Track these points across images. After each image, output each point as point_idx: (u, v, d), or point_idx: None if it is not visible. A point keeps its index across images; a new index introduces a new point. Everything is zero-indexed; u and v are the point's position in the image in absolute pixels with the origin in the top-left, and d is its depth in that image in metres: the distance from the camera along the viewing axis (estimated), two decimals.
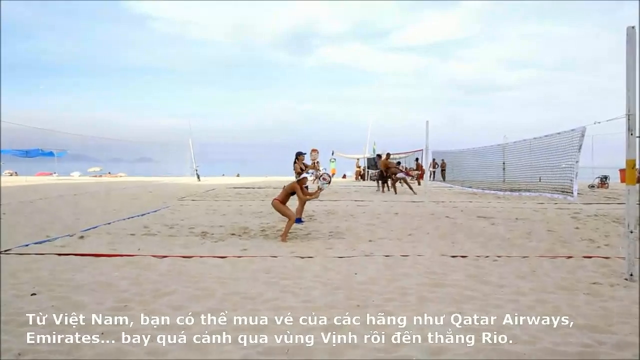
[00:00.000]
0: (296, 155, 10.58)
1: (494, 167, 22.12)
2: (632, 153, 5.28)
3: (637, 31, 5.13)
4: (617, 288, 5.02)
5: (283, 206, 8.34)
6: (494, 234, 8.85)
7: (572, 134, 6.77)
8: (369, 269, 5.85)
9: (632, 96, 5.15)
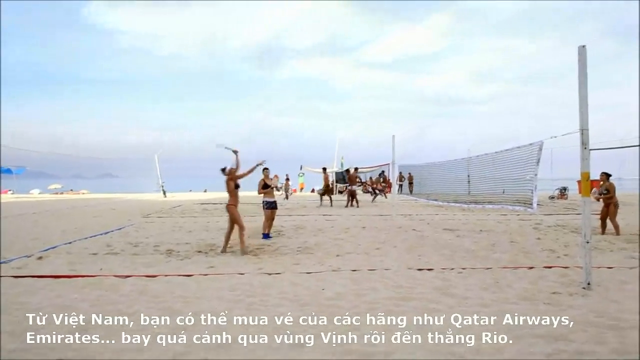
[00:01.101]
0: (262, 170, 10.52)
1: (459, 180, 22.55)
2: (586, 166, 5.50)
3: (587, 50, 5.38)
4: (575, 297, 5.18)
5: (237, 212, 8.44)
6: (459, 246, 9.00)
7: (530, 147, 7.00)
8: (336, 284, 5.84)
9: (584, 112, 5.38)
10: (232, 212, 8.45)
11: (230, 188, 8.54)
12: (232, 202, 8.48)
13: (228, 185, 8.57)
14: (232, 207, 8.45)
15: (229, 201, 8.55)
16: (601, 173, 10.65)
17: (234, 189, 8.53)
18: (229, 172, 8.63)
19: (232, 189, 8.52)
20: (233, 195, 8.52)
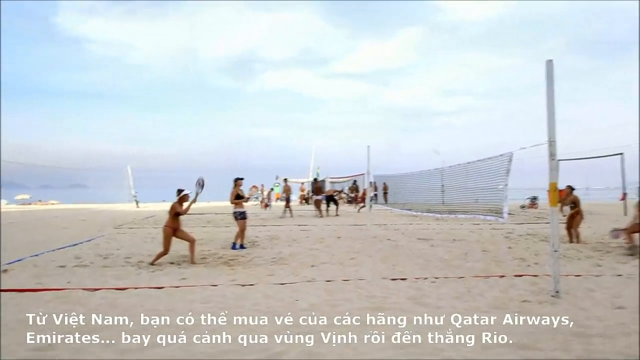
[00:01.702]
0: (234, 180, 10.48)
1: (433, 190, 22.82)
2: (554, 176, 5.64)
3: (554, 64, 5.55)
4: (544, 305, 5.28)
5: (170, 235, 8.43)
6: (433, 255, 9.09)
7: (501, 158, 7.15)
8: (310, 295, 5.82)
9: (552, 124, 5.53)
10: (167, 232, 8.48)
11: (172, 212, 8.56)
12: (168, 224, 8.52)
13: (173, 208, 8.59)
14: (166, 229, 8.48)
15: (167, 222, 8.56)
16: (566, 186, 10.93)
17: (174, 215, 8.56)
18: (180, 199, 8.66)
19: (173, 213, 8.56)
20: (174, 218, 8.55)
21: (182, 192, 8.65)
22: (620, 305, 5.22)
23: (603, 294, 5.75)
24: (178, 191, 8.70)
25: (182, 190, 8.68)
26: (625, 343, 3.98)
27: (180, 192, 8.68)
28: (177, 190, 8.72)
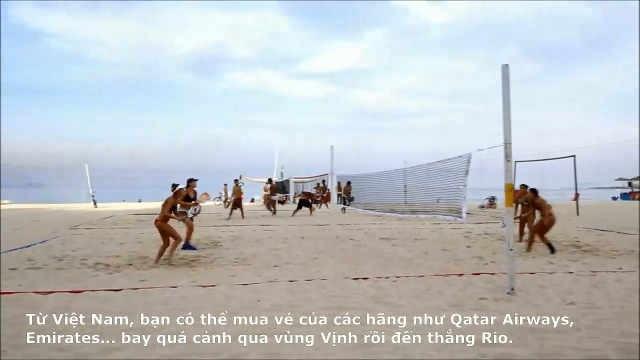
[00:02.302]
0: (188, 181, 10.37)
1: (396, 190, 23.12)
2: (509, 177, 5.83)
3: (509, 69, 5.73)
4: (500, 302, 5.44)
5: (167, 226, 8.32)
6: (395, 254, 9.23)
7: (460, 159, 7.33)
8: (272, 296, 5.80)
9: (507, 127, 5.71)
10: (163, 227, 8.32)
11: (167, 206, 8.41)
12: (161, 218, 8.36)
13: (168, 202, 8.46)
14: (162, 223, 8.32)
15: (159, 217, 8.40)
16: (520, 185, 11.27)
17: (169, 209, 8.44)
18: (175, 194, 8.66)
19: (168, 207, 8.42)
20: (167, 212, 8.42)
21: (177, 187, 8.73)
22: (571, 302, 5.45)
23: (555, 291, 5.99)
24: (173, 186, 8.80)
25: (176, 185, 8.77)
26: (576, 337, 4.15)
27: (175, 186, 8.76)
28: (172, 185, 8.84)
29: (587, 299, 5.59)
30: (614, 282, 6.50)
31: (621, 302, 5.40)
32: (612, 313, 4.94)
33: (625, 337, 4.17)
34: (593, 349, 3.84)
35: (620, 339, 4.13)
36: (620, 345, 3.94)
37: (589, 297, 5.65)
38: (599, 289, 6.09)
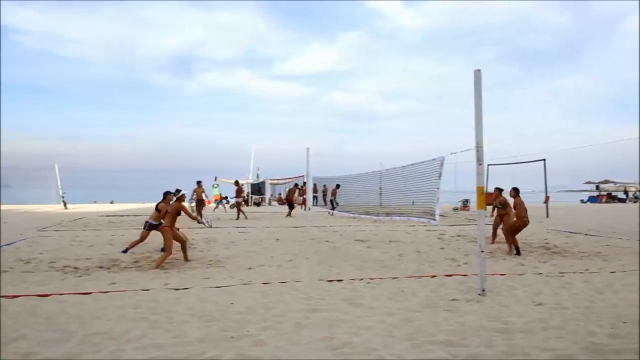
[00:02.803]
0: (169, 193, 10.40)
1: (372, 192, 23.23)
2: (480, 180, 5.93)
3: (481, 74, 5.83)
4: (471, 303, 5.53)
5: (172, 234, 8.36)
6: (369, 256, 9.28)
7: (433, 162, 7.41)
8: (246, 298, 5.76)
9: (479, 131, 5.81)
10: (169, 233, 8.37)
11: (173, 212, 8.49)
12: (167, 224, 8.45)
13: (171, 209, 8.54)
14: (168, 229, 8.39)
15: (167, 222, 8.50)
16: (495, 188, 11.48)
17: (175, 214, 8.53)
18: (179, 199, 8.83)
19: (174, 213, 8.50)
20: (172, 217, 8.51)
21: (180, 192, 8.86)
22: (540, 302, 5.57)
23: (525, 292, 6.11)
24: (176, 191, 8.91)
25: (179, 190, 8.90)
26: (543, 337, 4.24)
27: (178, 192, 8.90)
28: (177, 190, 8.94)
29: (555, 299, 5.72)
30: (580, 283, 6.67)
31: (587, 303, 5.54)
32: (578, 313, 5.07)
33: (591, 336, 4.28)
34: (559, 349, 3.93)
35: (587, 338, 4.23)
36: (586, 345, 4.04)
37: (557, 298, 5.78)
38: (566, 290, 6.24)
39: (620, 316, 4.93)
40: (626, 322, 4.71)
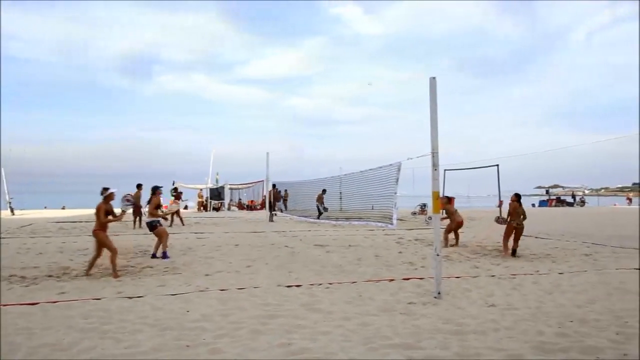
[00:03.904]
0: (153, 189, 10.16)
1: (332, 197, 23.32)
2: (436, 185, 6.06)
3: (436, 82, 5.98)
4: (428, 306, 5.63)
5: (105, 236, 7.82)
6: (328, 261, 9.30)
7: (390, 168, 7.53)
8: (202, 305, 5.65)
9: (434, 137, 5.95)
10: (100, 237, 7.82)
11: (101, 213, 7.85)
12: (99, 227, 7.84)
13: (100, 209, 7.88)
14: (99, 232, 7.82)
15: (96, 226, 7.88)
16: (443, 196, 11.81)
17: (105, 216, 7.87)
18: (106, 197, 7.98)
19: (102, 214, 7.85)
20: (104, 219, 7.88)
21: (107, 190, 8.00)
22: (492, 304, 5.73)
23: (478, 294, 6.28)
24: (103, 189, 8.03)
25: (107, 189, 8.02)
26: (495, 338, 4.37)
27: (105, 190, 8.01)
28: (103, 188, 8.06)
29: (506, 300, 5.91)
30: (531, 284, 6.92)
31: (537, 303, 5.75)
32: (528, 314, 5.25)
33: (540, 336, 4.44)
34: (510, 349, 4.06)
35: (536, 337, 4.39)
36: (536, 344, 4.19)
37: (509, 299, 5.97)
38: (517, 291, 6.46)
39: (567, 315, 5.15)
40: (572, 321, 4.92)
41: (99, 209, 7.88)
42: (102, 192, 8.01)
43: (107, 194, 8.00)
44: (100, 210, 7.86)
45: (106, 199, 7.96)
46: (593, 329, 4.62)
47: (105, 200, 7.95)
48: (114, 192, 8.05)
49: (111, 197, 8.01)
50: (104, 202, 7.93)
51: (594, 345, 4.13)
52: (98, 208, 7.91)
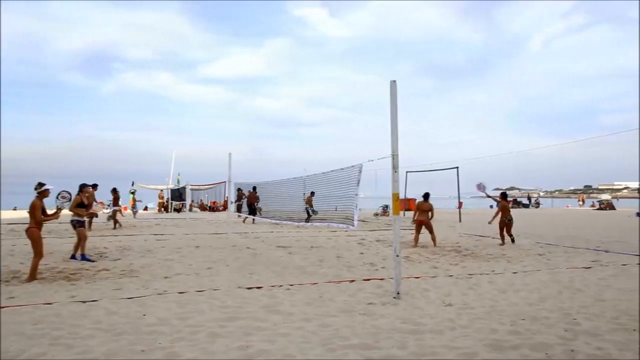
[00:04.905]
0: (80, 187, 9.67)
1: (295, 198, 23.21)
2: (396, 187, 6.15)
3: (397, 85, 6.06)
4: (387, 306, 5.70)
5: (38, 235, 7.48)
6: (290, 262, 9.28)
7: (352, 169, 7.58)
8: (160, 309, 5.53)
9: (395, 139, 6.03)
10: (34, 236, 7.45)
11: (36, 210, 7.44)
12: (34, 225, 7.49)
13: (35, 206, 7.47)
14: (34, 230, 7.46)
15: (31, 223, 7.52)
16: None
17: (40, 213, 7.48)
18: (41, 194, 7.59)
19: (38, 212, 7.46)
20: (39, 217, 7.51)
21: (43, 186, 7.55)
22: (449, 303, 5.86)
23: (436, 294, 6.41)
24: (39, 185, 7.58)
25: (43, 184, 7.58)
26: (450, 336, 4.47)
27: (41, 185, 7.56)
28: (38, 183, 7.60)
29: (463, 300, 6.05)
30: (486, 284, 7.12)
31: (492, 302, 5.92)
32: (483, 312, 5.40)
33: (494, 333, 4.57)
34: (465, 347, 4.16)
35: (490, 335, 4.52)
36: (489, 342, 4.31)
37: (465, 298, 6.12)
38: (473, 290, 6.63)
39: (520, 313, 5.32)
40: (524, 319, 5.09)
41: (34, 206, 7.48)
42: (36, 187, 7.59)
43: (42, 189, 7.60)
44: (36, 208, 7.48)
45: (41, 195, 7.59)
46: (543, 326, 4.79)
47: (40, 196, 7.58)
48: (49, 189, 7.66)
49: (46, 194, 7.63)
50: (39, 198, 7.58)
51: (544, 342, 4.28)
52: (33, 205, 7.50)
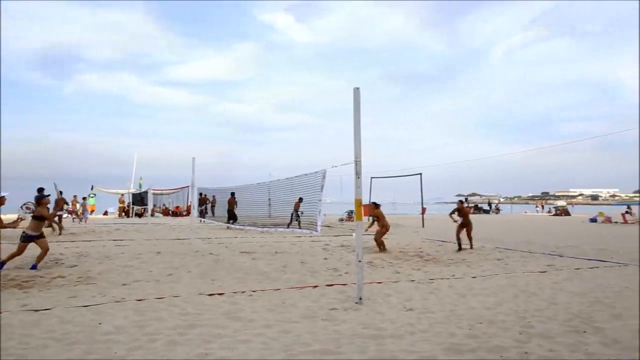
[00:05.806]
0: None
1: (260, 203, 23.11)
2: (359, 193, 6.20)
3: (360, 92, 6.13)
4: (349, 312, 5.73)
5: None
6: (253, 268, 9.21)
7: (316, 175, 7.61)
8: (117, 317, 5.37)
9: (358, 146, 6.09)
10: None
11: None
12: None
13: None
14: None
15: None
16: (371, 202, 12.22)
17: None
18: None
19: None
20: None
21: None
22: (410, 308, 5.94)
23: (398, 298, 6.49)
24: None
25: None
26: (410, 341, 4.53)
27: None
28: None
29: (423, 304, 6.15)
30: (447, 288, 7.26)
31: (451, 306, 6.03)
32: (443, 316, 5.50)
33: (452, 337, 4.66)
34: (424, 351, 4.22)
35: (448, 339, 4.60)
36: (448, 346, 4.39)
37: (425, 303, 6.22)
38: (434, 295, 6.74)
39: (477, 317, 5.44)
40: (482, 322, 5.21)
41: None
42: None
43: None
44: None
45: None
46: (499, 330, 4.92)
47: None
48: (4, 197, 7.42)
49: (1, 201, 7.39)
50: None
51: (500, 345, 4.40)
52: None
